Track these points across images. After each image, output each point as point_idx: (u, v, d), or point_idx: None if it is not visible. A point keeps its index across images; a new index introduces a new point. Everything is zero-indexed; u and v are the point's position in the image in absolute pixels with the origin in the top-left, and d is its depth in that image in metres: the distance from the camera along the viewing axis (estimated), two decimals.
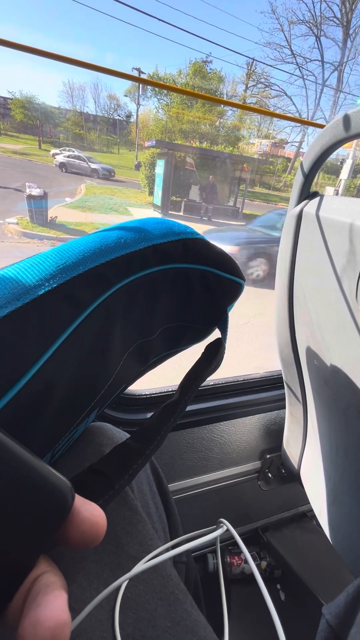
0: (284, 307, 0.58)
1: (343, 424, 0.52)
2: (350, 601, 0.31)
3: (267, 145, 22.78)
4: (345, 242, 0.40)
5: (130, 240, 0.24)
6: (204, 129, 20.70)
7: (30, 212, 5.35)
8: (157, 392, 0.66)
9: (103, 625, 0.27)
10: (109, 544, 0.31)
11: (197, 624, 0.30)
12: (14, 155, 15.42)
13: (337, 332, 0.47)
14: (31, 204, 5.28)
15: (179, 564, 0.45)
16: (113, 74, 0.49)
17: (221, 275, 0.31)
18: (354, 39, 20.99)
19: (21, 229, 5.09)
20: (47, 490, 0.13)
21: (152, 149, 9.58)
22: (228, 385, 0.73)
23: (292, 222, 0.50)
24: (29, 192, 5.32)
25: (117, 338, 0.27)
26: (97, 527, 0.14)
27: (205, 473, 0.76)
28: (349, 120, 0.38)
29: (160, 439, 0.28)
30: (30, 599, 0.12)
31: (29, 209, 5.33)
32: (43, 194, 5.38)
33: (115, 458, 0.27)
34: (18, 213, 5.65)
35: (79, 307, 0.21)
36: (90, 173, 13.39)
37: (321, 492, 0.64)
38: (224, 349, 0.34)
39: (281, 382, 0.70)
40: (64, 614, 0.11)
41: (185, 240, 0.28)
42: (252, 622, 0.75)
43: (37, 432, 0.23)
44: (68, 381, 0.23)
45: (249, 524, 0.93)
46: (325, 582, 0.77)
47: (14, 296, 0.18)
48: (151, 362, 0.40)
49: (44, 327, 0.19)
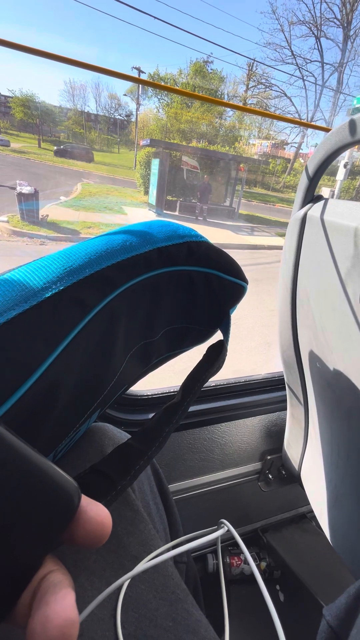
0: (286, 310, 0.58)
1: (345, 426, 0.53)
2: (351, 602, 0.31)
3: (268, 146, 22.81)
4: (350, 245, 0.40)
5: (135, 243, 0.24)
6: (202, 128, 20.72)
7: (21, 210, 5.30)
8: (159, 393, 0.66)
9: (105, 624, 0.27)
10: (110, 544, 0.32)
11: (198, 624, 0.30)
12: (12, 153, 15.40)
13: (340, 335, 0.47)
14: (22, 203, 5.23)
15: (180, 564, 0.45)
16: (112, 74, 0.49)
17: (224, 277, 0.32)
18: (354, 40, 21.04)
19: (11, 227, 5.04)
20: (54, 490, 0.13)
21: (147, 148, 9.57)
22: (229, 386, 0.73)
23: (296, 225, 0.50)
24: (19, 190, 5.27)
25: (120, 339, 0.27)
26: (103, 527, 0.14)
27: (205, 474, 0.77)
28: (354, 125, 0.38)
29: (162, 440, 0.29)
30: (38, 597, 0.12)
31: (20, 208, 5.27)
32: (34, 192, 5.33)
33: (118, 459, 0.27)
34: (11, 211, 5.61)
35: (85, 309, 0.21)
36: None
37: (322, 493, 0.64)
38: (226, 351, 0.34)
39: (283, 384, 0.70)
40: (73, 612, 0.11)
41: (190, 243, 0.28)
42: (251, 623, 0.76)
43: (42, 432, 0.23)
44: (73, 382, 0.23)
45: (249, 525, 0.93)
46: (324, 583, 0.77)
47: (21, 298, 0.18)
48: (153, 363, 0.40)
49: (51, 329, 0.19)
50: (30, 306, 0.18)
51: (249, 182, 18.48)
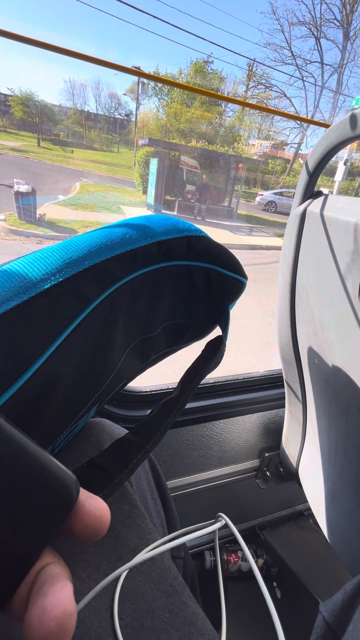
0: (285, 306, 0.58)
1: (343, 423, 0.53)
2: (348, 599, 0.31)
3: (267, 147, 22.82)
4: (350, 241, 0.40)
5: (135, 237, 0.24)
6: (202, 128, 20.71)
7: (18, 209, 5.28)
8: (157, 390, 0.66)
9: (102, 615, 0.28)
10: (108, 537, 0.32)
11: (195, 616, 0.30)
12: (11, 152, 15.34)
13: (339, 331, 0.47)
14: (19, 201, 5.20)
15: (177, 559, 0.45)
16: (113, 67, 0.49)
17: (224, 273, 0.32)
18: (353, 41, 21.07)
19: (8, 225, 5.03)
20: (53, 483, 0.13)
21: (145, 147, 9.55)
22: (228, 383, 0.73)
23: (295, 221, 0.50)
24: (16, 188, 5.23)
25: (119, 334, 0.27)
26: (101, 520, 0.14)
27: (203, 471, 0.77)
28: (355, 120, 0.38)
29: (160, 435, 0.29)
30: (35, 589, 0.12)
31: (17, 206, 5.24)
32: (31, 190, 5.30)
33: (115, 452, 0.27)
34: (9, 210, 5.59)
35: (83, 301, 0.21)
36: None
37: (319, 490, 0.64)
38: (224, 347, 0.34)
39: (281, 381, 0.70)
40: (70, 604, 0.11)
41: (190, 238, 0.28)
42: (247, 619, 0.76)
43: (40, 425, 0.23)
44: (71, 375, 0.23)
45: (246, 522, 0.93)
46: (321, 580, 0.78)
47: (20, 289, 0.18)
48: (152, 358, 0.40)
49: (49, 321, 0.19)
50: (29, 297, 0.18)
51: (248, 183, 18.49)
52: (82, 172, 13.57)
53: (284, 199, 11.61)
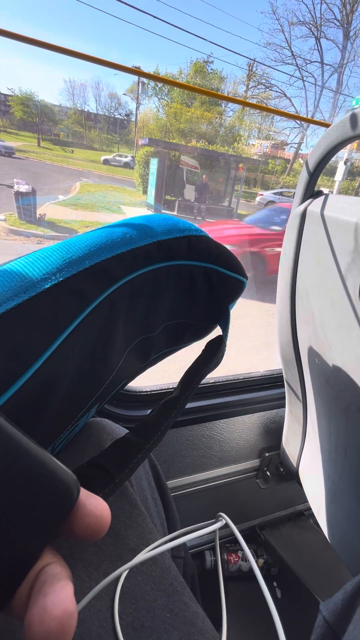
0: (286, 306, 0.58)
1: (344, 422, 0.53)
2: (348, 598, 0.31)
3: (268, 147, 22.81)
4: (350, 241, 0.40)
5: (135, 236, 0.24)
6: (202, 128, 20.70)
7: (18, 209, 5.27)
8: (157, 389, 0.66)
9: (102, 614, 0.28)
10: (108, 537, 0.32)
11: (196, 616, 0.30)
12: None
13: (339, 331, 0.47)
14: (19, 201, 5.19)
15: (177, 559, 0.45)
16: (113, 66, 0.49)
17: (224, 272, 0.31)
18: (353, 41, 21.05)
19: (8, 225, 5.02)
20: (53, 482, 0.13)
21: (145, 147, 9.54)
22: (228, 383, 0.73)
23: (295, 221, 0.50)
24: (16, 188, 5.23)
25: (120, 333, 0.27)
26: (101, 520, 0.14)
27: (204, 470, 0.77)
28: (355, 120, 0.38)
29: (160, 435, 0.29)
30: (36, 589, 0.12)
31: (17, 206, 5.24)
32: (31, 190, 5.29)
33: (115, 452, 0.27)
34: (9, 210, 5.59)
35: (84, 301, 0.21)
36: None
37: (320, 490, 0.64)
38: (224, 347, 0.34)
39: (281, 381, 0.70)
40: (71, 604, 0.11)
41: (190, 237, 0.28)
42: (247, 619, 0.76)
43: (40, 424, 0.23)
44: (71, 375, 0.23)
45: (247, 522, 0.93)
46: (321, 579, 0.78)
47: (20, 289, 0.18)
48: (152, 358, 0.40)
49: (50, 320, 0.19)
50: (29, 297, 0.18)
51: (249, 182, 18.47)
52: (82, 172, 13.55)
53: (284, 199, 11.60)
